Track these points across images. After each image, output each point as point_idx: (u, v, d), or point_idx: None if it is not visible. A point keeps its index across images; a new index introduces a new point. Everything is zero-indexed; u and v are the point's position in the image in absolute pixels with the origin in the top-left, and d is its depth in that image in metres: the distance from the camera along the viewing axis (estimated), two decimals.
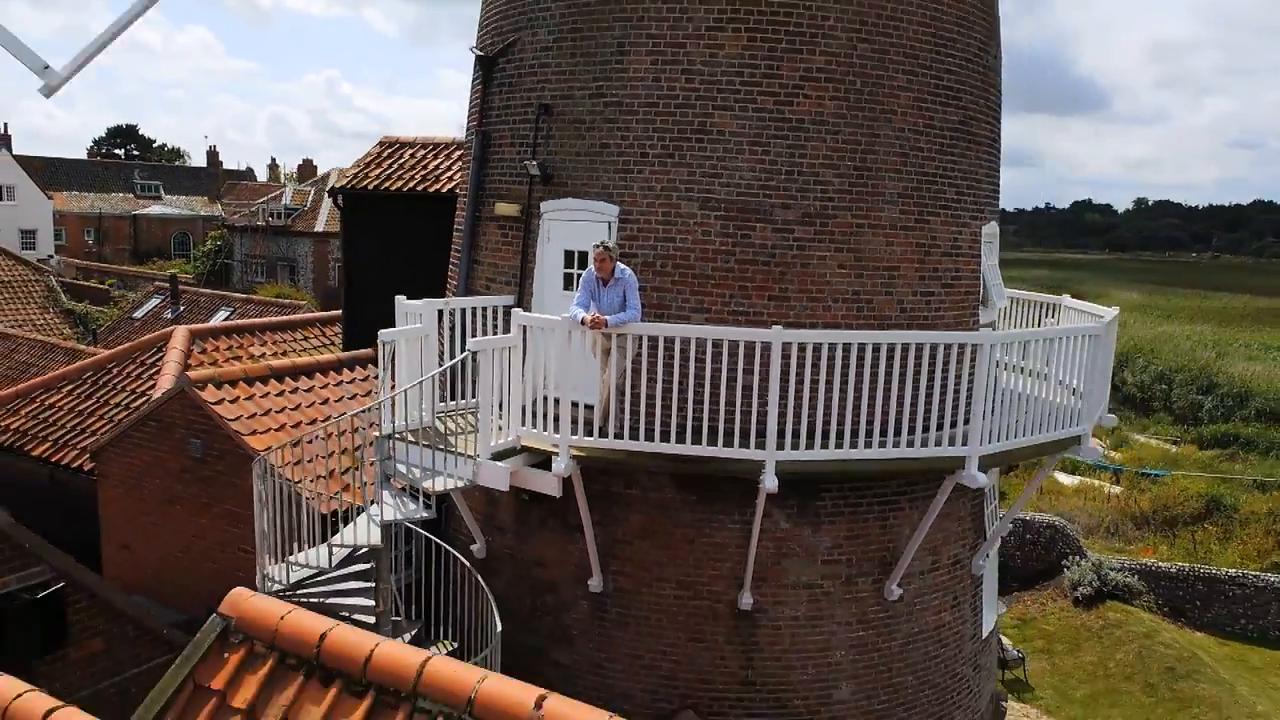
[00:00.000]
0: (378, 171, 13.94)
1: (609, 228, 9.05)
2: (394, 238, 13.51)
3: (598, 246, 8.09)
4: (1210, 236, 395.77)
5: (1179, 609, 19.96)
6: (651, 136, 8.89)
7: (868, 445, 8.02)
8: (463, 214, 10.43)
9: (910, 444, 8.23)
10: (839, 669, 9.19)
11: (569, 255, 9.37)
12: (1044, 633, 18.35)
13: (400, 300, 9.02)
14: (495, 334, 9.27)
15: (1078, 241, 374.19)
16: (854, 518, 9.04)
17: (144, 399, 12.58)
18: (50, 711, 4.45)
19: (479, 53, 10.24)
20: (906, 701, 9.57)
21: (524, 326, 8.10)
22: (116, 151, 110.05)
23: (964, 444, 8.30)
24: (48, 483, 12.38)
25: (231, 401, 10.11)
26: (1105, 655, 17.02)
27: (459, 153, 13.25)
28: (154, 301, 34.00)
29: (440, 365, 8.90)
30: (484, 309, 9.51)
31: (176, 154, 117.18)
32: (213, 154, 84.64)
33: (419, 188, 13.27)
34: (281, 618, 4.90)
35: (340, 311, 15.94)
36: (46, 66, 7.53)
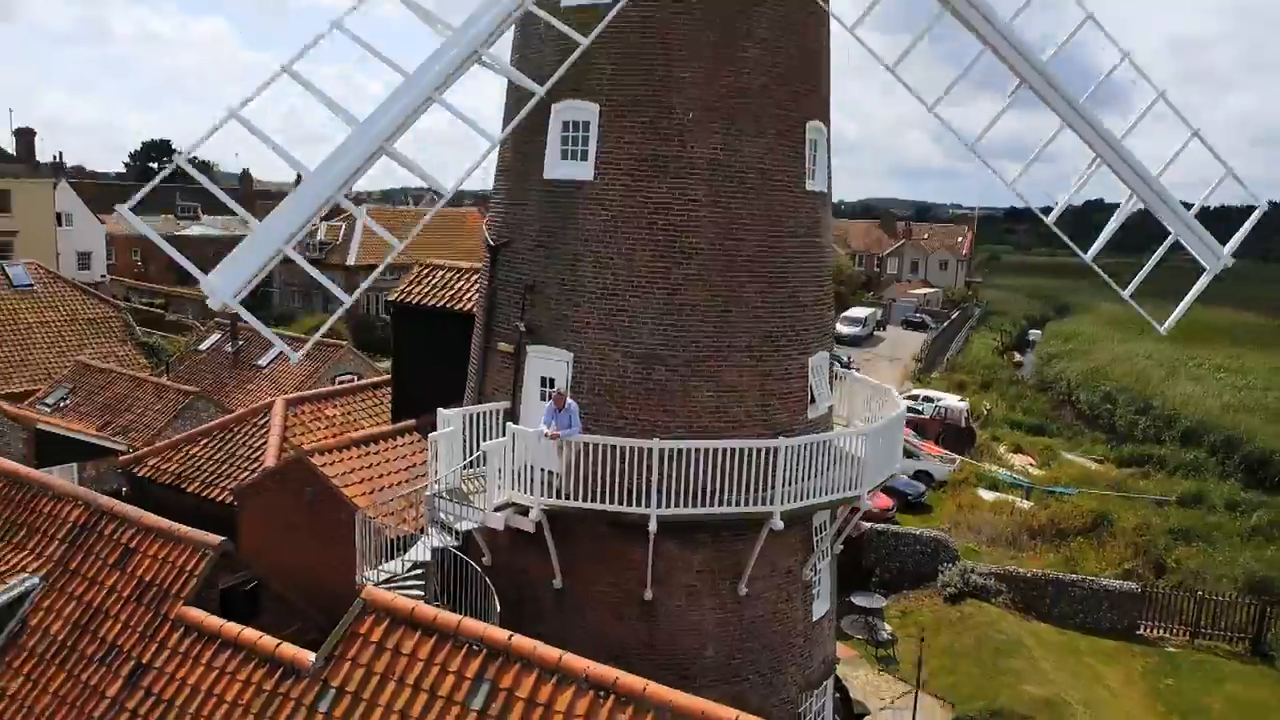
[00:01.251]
0: (417, 289, 19.76)
1: (567, 365, 14.77)
2: (429, 337, 19.26)
3: (557, 392, 13.84)
4: (1221, 238, 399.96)
5: (1031, 605, 25.58)
6: (592, 313, 14.60)
7: (711, 505, 13.75)
8: (477, 344, 16.20)
9: (738, 503, 13.94)
10: (707, 637, 14.90)
11: (544, 379, 15.10)
12: (918, 622, 24.00)
13: (441, 411, 14.78)
14: (497, 422, 15.00)
15: (1085, 243, 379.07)
16: (715, 544, 14.73)
17: (260, 451, 18.43)
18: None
19: (490, 242, 15.98)
20: (752, 660, 15.27)
21: (513, 433, 13.85)
22: (151, 165, 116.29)
23: (771, 504, 14.00)
24: (195, 511, 18.16)
25: (330, 465, 15.83)
26: (955, 639, 22.71)
27: (475, 276, 19.00)
28: (215, 336, 39.86)
29: (464, 445, 14.64)
30: (490, 411, 15.27)
31: (207, 166, 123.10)
32: (246, 176, 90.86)
33: (446, 305, 19.03)
34: (392, 600, 10.72)
35: (389, 376, 21.91)
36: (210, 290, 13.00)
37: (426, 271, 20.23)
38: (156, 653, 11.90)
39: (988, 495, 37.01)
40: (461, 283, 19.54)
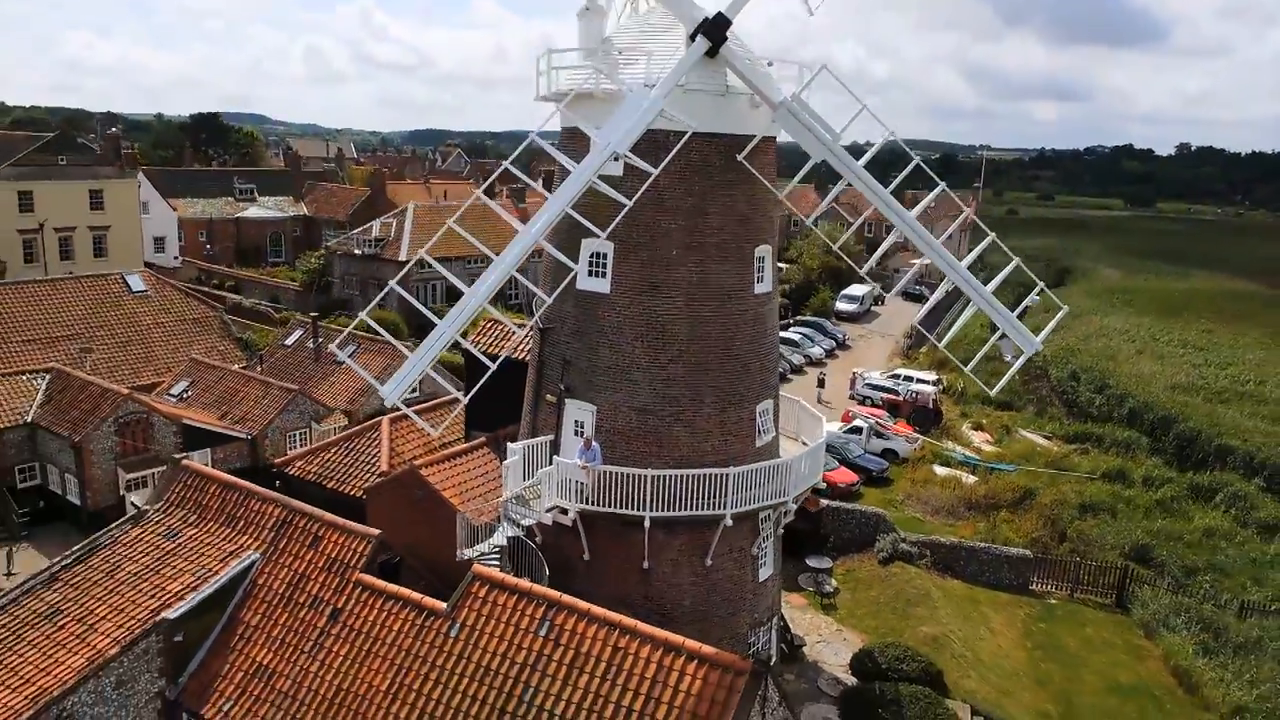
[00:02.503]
0: (486, 339, 27.22)
1: (592, 414, 22.27)
2: (496, 375, 26.75)
3: (586, 437, 21.36)
4: (1250, 185, 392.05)
5: (949, 567, 33.11)
6: (608, 380, 22.04)
7: (685, 509, 21.31)
8: (530, 394, 23.72)
9: (702, 508, 21.48)
10: (684, 593, 22.57)
11: (576, 422, 22.61)
12: (857, 579, 31.65)
13: (509, 445, 22.37)
14: (544, 451, 22.54)
15: (1112, 190, 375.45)
16: (690, 532, 22.29)
17: (375, 457, 26.20)
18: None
19: (541, 325, 23.37)
20: (715, 608, 22.95)
21: (558, 464, 21.42)
22: (203, 135, 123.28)
23: (724, 509, 21.54)
24: (331, 501, 25.92)
25: (432, 475, 23.43)
26: (880, 592, 30.36)
27: (525, 330, 26.40)
28: (299, 333, 47.48)
29: (524, 468, 22.22)
30: (541, 443, 22.82)
31: (252, 137, 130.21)
32: (293, 157, 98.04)
33: (508, 354, 26.49)
34: (485, 573, 18.51)
35: (457, 395, 29.52)
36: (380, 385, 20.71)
37: (489, 325, 27.69)
38: (345, 602, 19.71)
39: (941, 471, 44.26)
40: (514, 337, 26.98)
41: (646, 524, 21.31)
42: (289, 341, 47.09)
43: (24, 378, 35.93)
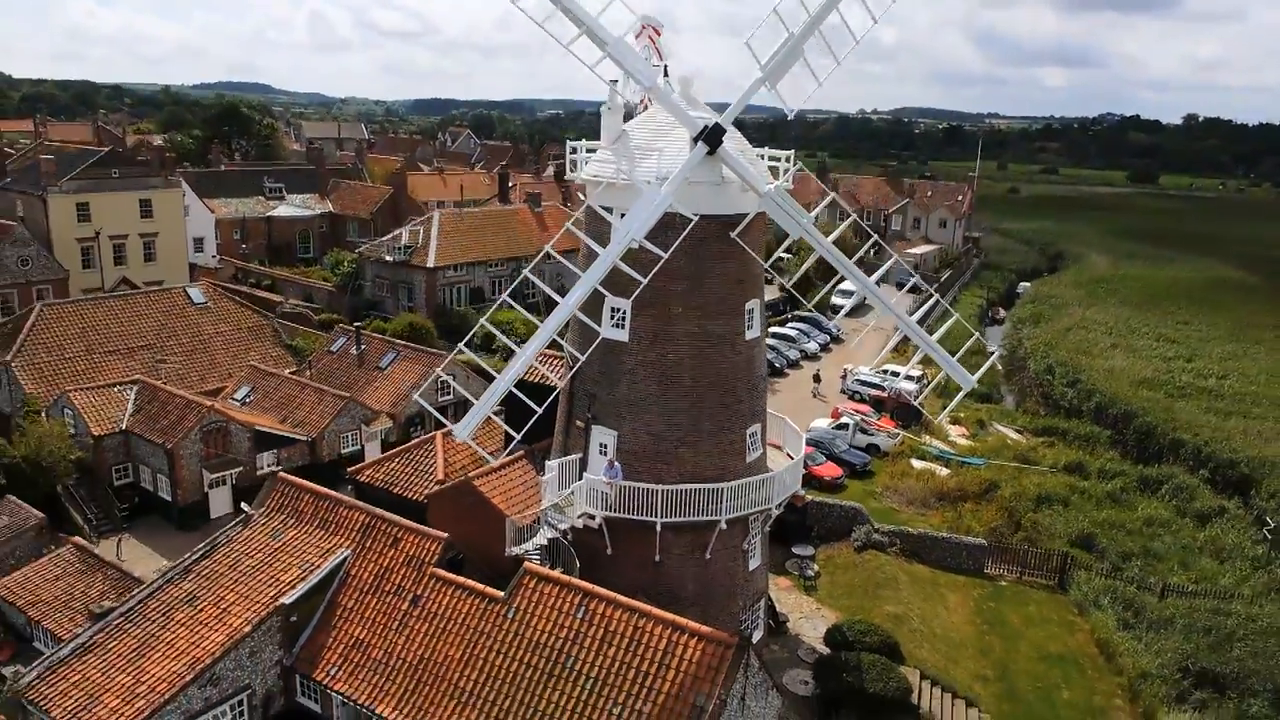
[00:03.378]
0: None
1: (614, 438, 27.64)
2: (533, 398, 32.14)
3: (609, 459, 26.77)
4: (1256, 158, 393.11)
5: (916, 554, 38.53)
6: (627, 411, 27.40)
7: (687, 515, 26.74)
8: (561, 419, 29.09)
9: (701, 514, 26.89)
10: (688, 580, 28.07)
11: (601, 444, 28.00)
12: (836, 564, 37.14)
13: (548, 463, 27.79)
14: (575, 468, 27.93)
15: (1116, 163, 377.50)
16: (692, 533, 27.73)
17: (432, 467, 31.66)
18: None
19: (571, 363, 28.65)
20: (714, 593, 28.45)
21: (587, 479, 26.84)
22: (226, 128, 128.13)
23: (719, 515, 26.96)
24: (397, 504, 31.36)
25: (482, 484, 28.86)
26: (854, 576, 35.87)
27: (561, 364, 31.72)
28: (342, 340, 52.73)
29: (558, 481, 27.64)
30: (573, 460, 28.22)
31: (272, 130, 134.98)
32: (316, 155, 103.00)
33: (542, 381, 31.85)
34: (534, 570, 24.08)
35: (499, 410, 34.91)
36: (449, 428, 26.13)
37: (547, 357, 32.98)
38: (423, 590, 25.22)
39: (917, 464, 49.67)
40: (546, 368, 32.32)
41: (658, 527, 26.74)
42: (334, 348, 52.36)
43: (115, 389, 41.41)
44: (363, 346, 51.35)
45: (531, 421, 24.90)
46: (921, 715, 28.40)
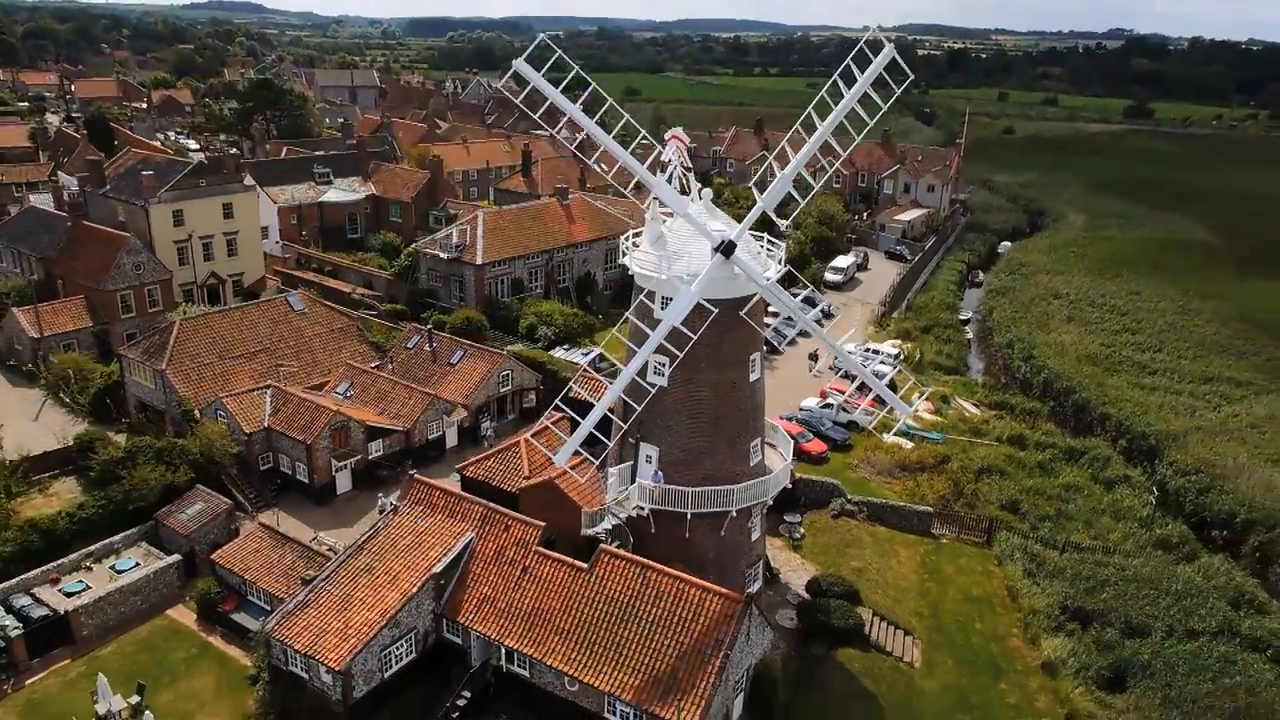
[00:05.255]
0: (583, 389, 43.91)
1: (657, 451, 39.15)
2: (583, 410, 43.58)
3: (655, 468, 38.34)
4: (1259, 85, 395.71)
5: (879, 519, 50.32)
6: (666, 433, 38.84)
7: (708, 506, 38.44)
8: (615, 436, 40.56)
9: (718, 505, 38.55)
10: (709, 549, 39.86)
11: (647, 455, 39.51)
12: (817, 528, 48.98)
13: (609, 470, 39.37)
14: (628, 474, 39.42)
15: (1118, 90, 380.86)
16: (711, 518, 39.38)
17: (519, 465, 43.20)
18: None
19: (623, 403, 40.00)
20: (726, 560, 40.29)
21: (639, 483, 38.44)
22: (260, 96, 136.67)
23: (730, 505, 38.62)
24: (496, 495, 42.87)
25: (560, 482, 40.25)
26: (830, 538, 47.77)
27: (601, 387, 43.08)
28: (416, 338, 63.86)
29: (617, 483, 39.17)
30: (628, 467, 39.74)
31: (303, 100, 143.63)
32: (356, 134, 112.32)
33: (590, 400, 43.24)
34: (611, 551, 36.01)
35: (561, 416, 46.44)
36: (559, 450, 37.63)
37: (584, 378, 44.35)
38: (530, 563, 37.00)
39: (890, 439, 61.08)
40: (599, 387, 43.67)
41: (688, 516, 38.43)
42: (410, 344, 63.47)
43: (254, 394, 52.79)
44: (435, 344, 62.40)
45: (583, 435, 36.23)
46: (872, 642, 40.49)
